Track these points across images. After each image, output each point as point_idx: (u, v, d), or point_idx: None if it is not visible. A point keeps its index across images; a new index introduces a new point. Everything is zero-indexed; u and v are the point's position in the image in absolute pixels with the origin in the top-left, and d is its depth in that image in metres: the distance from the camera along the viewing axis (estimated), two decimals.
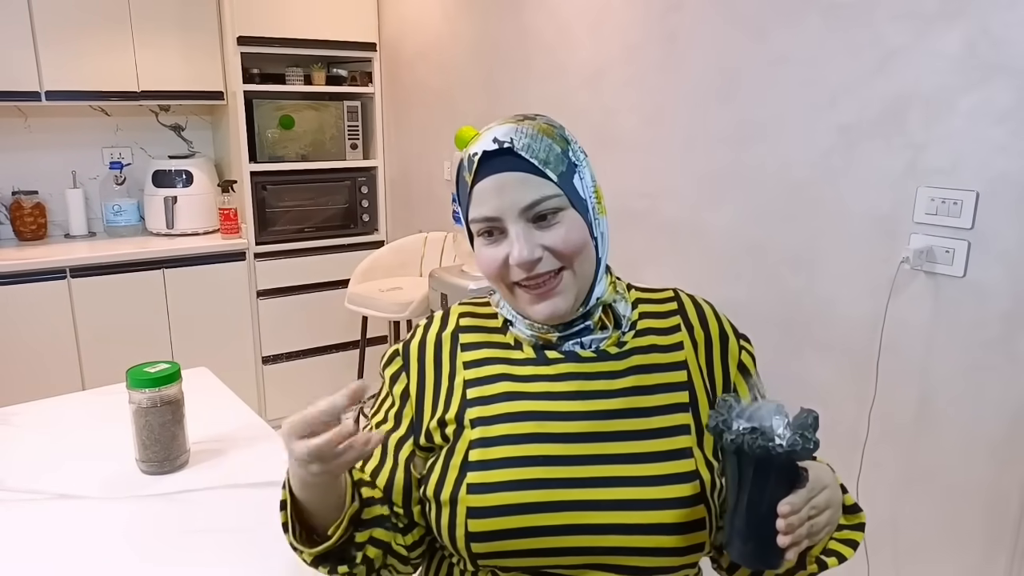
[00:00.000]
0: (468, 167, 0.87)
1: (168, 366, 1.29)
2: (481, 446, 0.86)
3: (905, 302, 1.71)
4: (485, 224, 0.87)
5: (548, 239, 0.85)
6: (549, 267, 0.85)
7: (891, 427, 1.76)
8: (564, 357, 0.90)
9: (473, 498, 0.84)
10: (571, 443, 0.85)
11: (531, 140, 0.86)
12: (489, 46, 2.93)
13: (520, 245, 0.84)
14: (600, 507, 0.82)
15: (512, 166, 0.85)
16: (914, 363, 1.71)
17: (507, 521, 0.82)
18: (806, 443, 0.71)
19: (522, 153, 0.85)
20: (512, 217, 0.85)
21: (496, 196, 0.85)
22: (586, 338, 0.90)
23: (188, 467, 1.32)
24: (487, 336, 0.94)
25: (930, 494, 1.72)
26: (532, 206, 0.84)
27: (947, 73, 1.60)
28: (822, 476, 0.77)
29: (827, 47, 1.81)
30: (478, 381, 0.90)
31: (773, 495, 0.72)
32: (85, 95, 3.16)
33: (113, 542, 1.11)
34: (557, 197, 0.85)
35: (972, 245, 1.60)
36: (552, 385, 0.88)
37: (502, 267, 0.86)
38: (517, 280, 0.86)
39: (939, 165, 1.63)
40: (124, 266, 3.13)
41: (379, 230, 3.77)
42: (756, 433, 0.72)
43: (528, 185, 0.84)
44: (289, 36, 3.35)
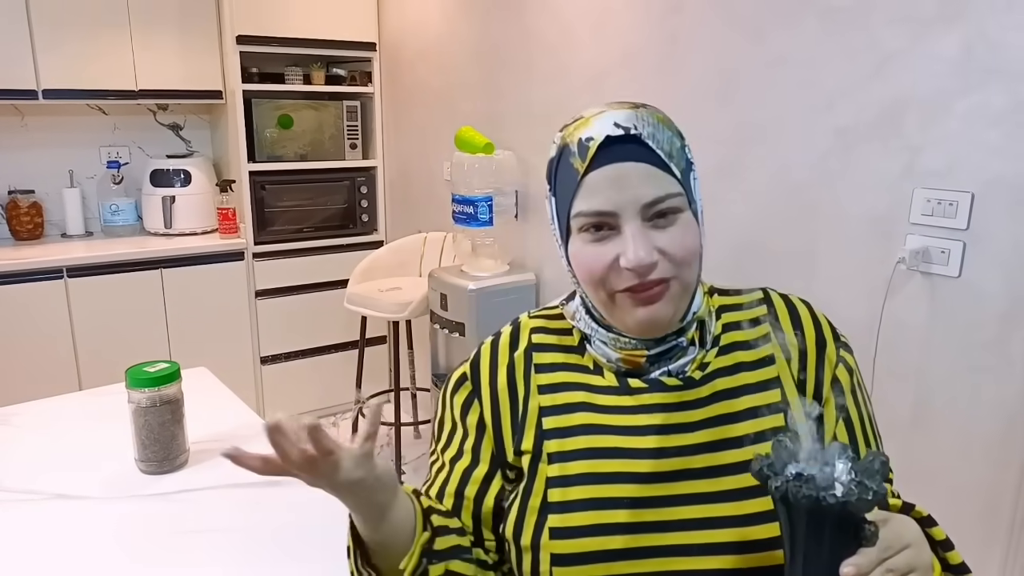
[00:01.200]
0: (580, 153, 0.77)
1: (167, 366, 1.29)
2: (560, 485, 0.79)
3: (901, 302, 1.72)
4: (595, 219, 0.77)
5: (664, 241, 0.76)
6: (661, 274, 0.76)
7: (888, 427, 1.76)
8: (648, 387, 0.81)
9: (556, 543, 0.77)
10: (656, 483, 0.77)
11: (655, 129, 0.78)
12: (490, 47, 2.94)
13: (637, 245, 0.74)
14: (682, 552, 0.75)
15: (635, 156, 0.76)
16: (910, 363, 1.72)
17: (594, 569, 0.76)
18: (863, 492, 0.60)
19: (648, 142, 0.76)
20: (631, 213, 0.75)
21: (615, 188, 0.75)
22: (673, 365, 0.80)
23: (188, 467, 1.32)
24: (564, 356, 0.86)
25: (926, 494, 1.72)
26: (655, 203, 0.75)
27: (943, 76, 1.61)
28: (903, 532, 0.64)
29: (824, 50, 1.81)
30: (555, 409, 0.82)
31: (832, 553, 0.61)
32: (83, 94, 3.16)
33: (112, 542, 1.11)
34: (679, 196, 0.77)
35: (967, 246, 1.61)
36: (634, 418, 0.80)
37: (608, 269, 0.77)
38: (624, 287, 0.76)
39: (935, 167, 1.64)
40: (121, 266, 3.13)
41: (378, 230, 3.77)
42: (802, 479, 0.61)
43: (652, 179, 0.76)
44: (288, 35, 3.36)
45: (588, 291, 0.81)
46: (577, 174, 0.77)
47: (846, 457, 0.63)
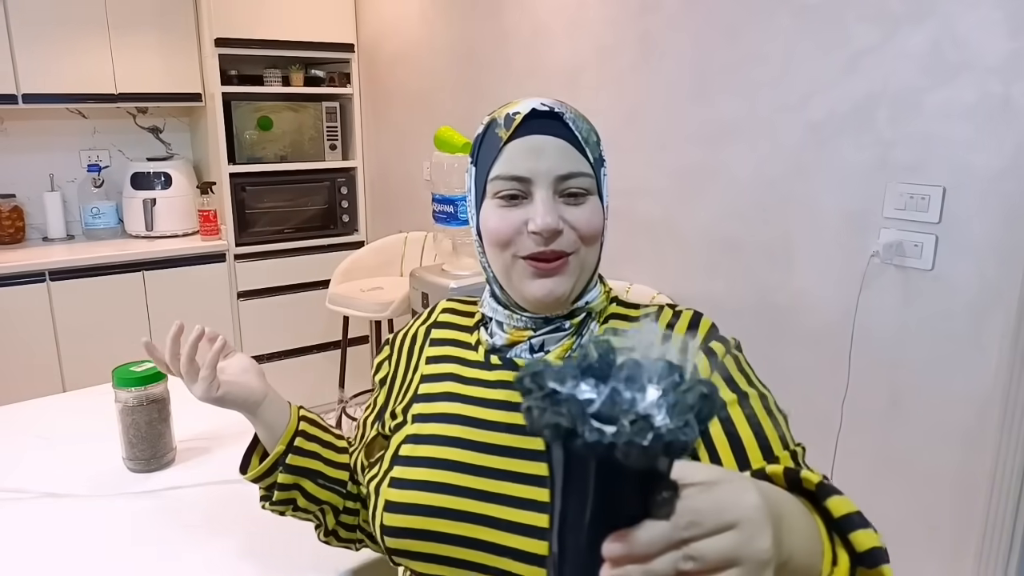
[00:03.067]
0: (505, 124, 0.83)
1: (153, 365, 1.30)
2: (412, 442, 0.85)
3: (876, 295, 1.76)
4: (510, 184, 0.81)
5: (572, 215, 0.81)
6: (564, 247, 0.81)
7: (863, 417, 1.81)
8: (502, 364, 0.86)
9: (392, 491, 0.83)
10: (490, 454, 0.80)
11: (576, 116, 0.84)
12: (467, 47, 2.96)
13: (546, 211, 0.79)
14: (501, 527, 0.77)
15: (555, 132, 0.81)
16: (885, 354, 1.76)
17: (415, 521, 0.80)
18: (639, 434, 0.38)
19: (570, 123, 0.82)
20: (544, 183, 0.80)
21: (533, 157, 0.81)
22: (536, 341, 0.85)
23: (175, 465, 1.33)
24: (455, 334, 0.93)
25: (902, 481, 1.77)
26: (567, 177, 0.81)
27: (914, 72, 1.65)
28: (730, 505, 0.43)
29: (798, 47, 1.85)
30: (431, 377, 0.90)
31: (600, 519, 0.41)
32: (62, 97, 3.15)
33: (101, 539, 1.12)
34: (590, 178, 0.82)
35: (940, 239, 1.65)
36: (487, 392, 0.85)
37: (515, 233, 0.81)
38: (527, 253, 0.81)
39: (907, 161, 1.68)
40: (103, 269, 3.12)
41: (359, 230, 3.78)
42: (557, 400, 0.40)
43: (568, 155, 0.81)
44: (267, 38, 3.36)
45: (491, 256, 0.85)
46: (500, 142, 0.82)
47: (668, 383, 0.41)
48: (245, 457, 1.00)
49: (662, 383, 0.41)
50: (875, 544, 0.55)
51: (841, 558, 0.54)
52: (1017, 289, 1.53)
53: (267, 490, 0.97)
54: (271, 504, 0.97)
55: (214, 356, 0.91)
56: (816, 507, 0.58)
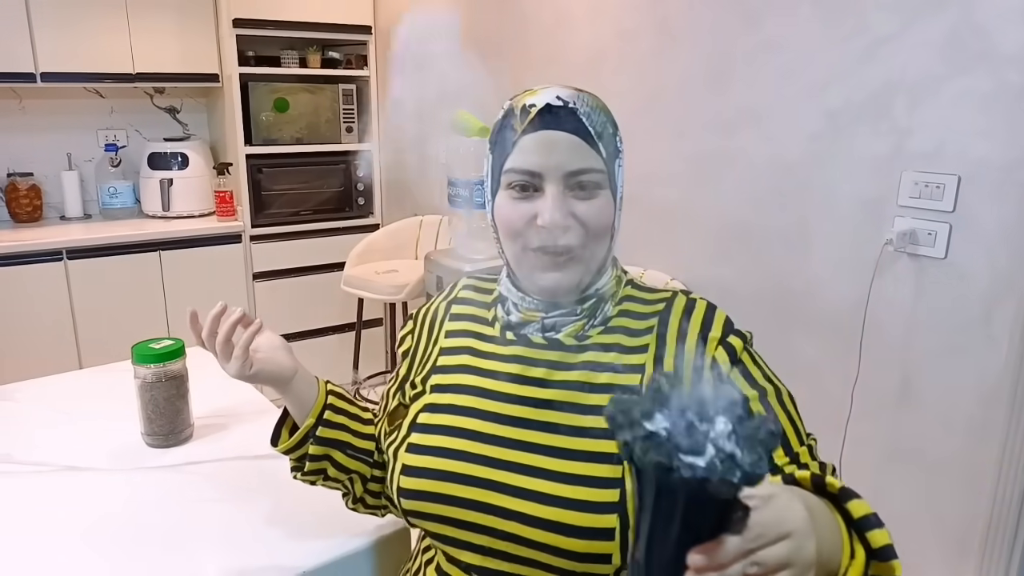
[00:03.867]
0: (520, 116, 0.84)
1: (172, 342, 1.32)
2: (430, 411, 0.91)
3: (889, 283, 1.76)
4: (522, 177, 0.84)
5: (581, 210, 0.83)
6: (571, 240, 0.83)
7: (873, 404, 1.82)
8: (516, 340, 0.90)
9: (409, 456, 0.88)
10: (504, 425, 0.85)
11: (591, 110, 0.84)
12: (485, 30, 2.95)
13: (554, 207, 0.81)
14: (510, 493, 0.82)
15: (568, 128, 0.83)
16: (896, 342, 1.76)
17: (431, 484, 0.85)
18: (729, 471, 0.45)
19: (583, 118, 0.83)
20: (554, 177, 0.82)
21: (544, 152, 0.82)
22: (548, 320, 0.88)
23: (192, 440, 1.36)
24: (474, 310, 0.97)
25: (910, 469, 1.77)
26: (578, 173, 0.83)
27: (932, 61, 1.64)
28: (784, 517, 0.53)
29: (817, 34, 1.84)
30: (449, 351, 0.95)
31: (685, 536, 0.49)
32: (80, 76, 3.17)
33: (120, 512, 1.15)
34: (601, 173, 0.84)
35: (953, 228, 1.65)
36: (502, 365, 0.89)
37: (525, 225, 0.84)
38: (535, 246, 0.84)
39: (923, 150, 1.68)
40: (120, 248, 3.15)
41: (374, 213, 3.79)
42: (655, 441, 0.47)
43: (579, 151, 0.83)
44: (284, 19, 3.36)
45: (504, 244, 0.89)
46: (515, 134, 0.84)
47: (732, 415, 0.48)
48: (276, 430, 1.03)
49: (728, 415, 0.48)
50: (887, 542, 0.63)
51: (858, 552, 0.63)
52: None
53: (298, 461, 1.01)
54: (303, 474, 1.01)
55: (248, 337, 0.93)
56: (837, 507, 0.66)
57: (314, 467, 0.99)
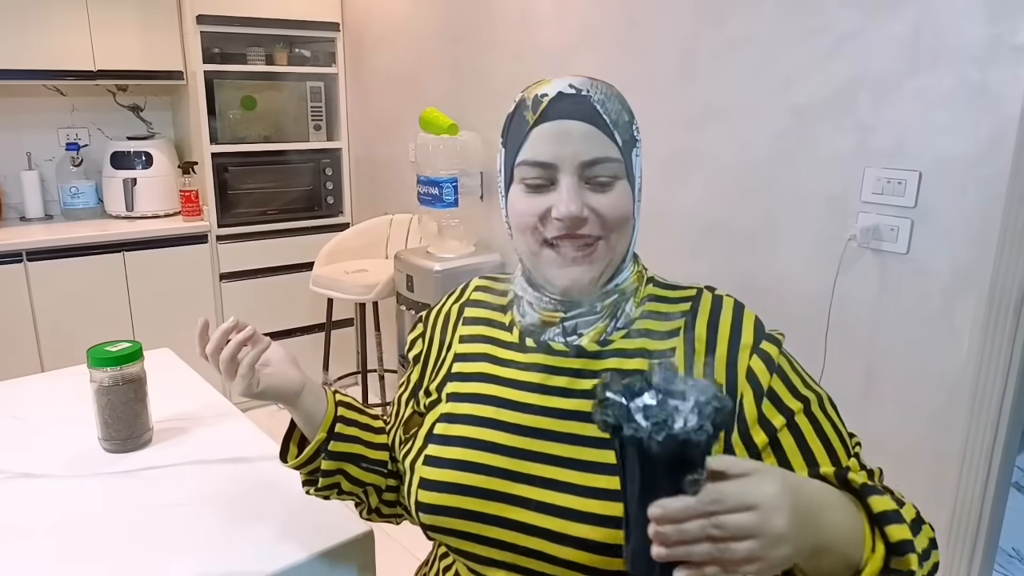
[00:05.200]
0: (532, 107, 0.81)
1: (129, 345, 1.29)
2: (447, 421, 0.87)
3: (852, 278, 1.78)
4: (535, 170, 0.80)
5: (597, 202, 0.80)
6: (590, 232, 0.80)
7: (839, 398, 1.81)
8: (537, 347, 0.86)
9: (427, 469, 0.85)
10: (523, 436, 0.82)
11: (606, 98, 0.81)
12: (454, 26, 2.94)
13: (569, 198, 0.78)
14: (530, 507, 0.79)
15: (582, 116, 0.79)
16: (860, 336, 1.78)
17: (450, 499, 0.83)
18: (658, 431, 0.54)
19: (597, 106, 0.80)
20: (569, 168, 0.79)
21: (558, 143, 0.79)
22: (569, 323, 0.84)
23: (152, 445, 1.33)
24: (490, 313, 0.93)
25: (875, 461, 1.78)
26: (593, 163, 0.79)
27: (894, 57, 1.65)
28: (753, 492, 0.57)
29: (782, 32, 1.85)
30: (465, 357, 0.91)
31: (646, 493, 0.57)
32: (39, 74, 3.11)
33: (77, 519, 1.12)
34: (618, 163, 0.81)
35: (915, 223, 1.66)
36: (522, 374, 0.85)
37: (540, 219, 0.81)
38: (552, 237, 0.81)
39: (885, 146, 1.69)
40: (83, 249, 3.09)
41: (344, 212, 3.76)
42: (618, 406, 0.58)
43: (594, 140, 0.79)
44: (250, 15, 3.32)
45: (519, 240, 0.85)
46: (527, 125, 0.81)
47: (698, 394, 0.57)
48: (284, 443, 0.99)
49: (697, 394, 0.57)
50: (905, 536, 0.66)
51: (878, 546, 0.66)
52: (989, 273, 1.54)
53: (310, 475, 0.97)
54: (316, 490, 0.98)
55: (255, 356, 0.88)
56: (862, 503, 0.69)
57: (328, 482, 0.95)
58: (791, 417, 0.80)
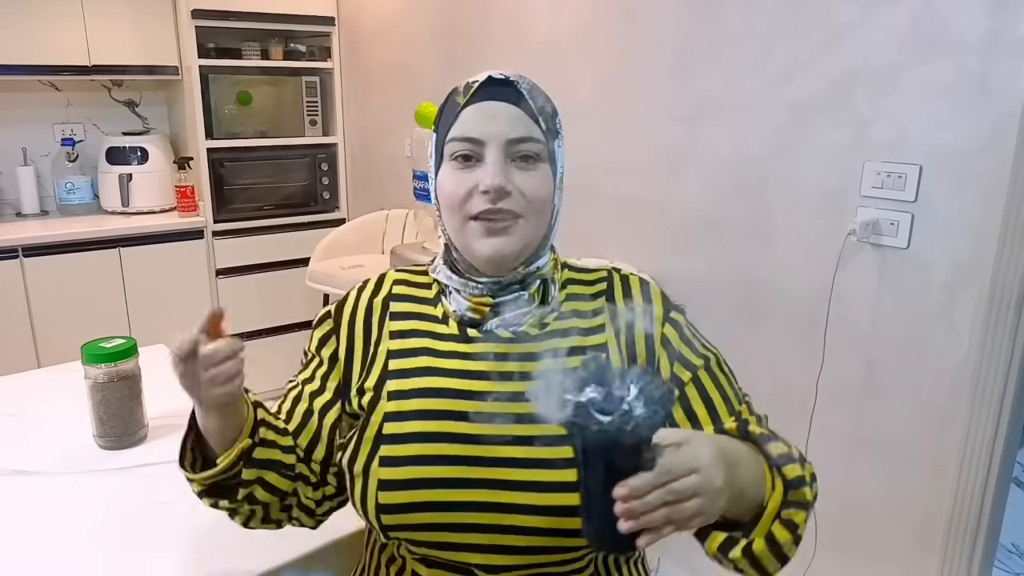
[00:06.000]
0: (464, 91, 0.87)
1: (124, 341, 1.28)
2: (395, 420, 0.87)
3: (852, 273, 1.77)
4: (465, 145, 0.86)
5: (520, 180, 0.86)
6: (512, 207, 0.85)
7: (838, 394, 1.83)
8: (483, 336, 0.89)
9: (385, 471, 0.84)
10: (479, 423, 0.85)
11: (532, 88, 0.88)
12: (449, 20, 2.92)
13: (495, 172, 0.84)
14: (499, 487, 0.83)
15: (509, 99, 0.86)
16: (860, 332, 1.77)
17: (416, 495, 0.83)
18: (627, 421, 0.62)
19: (524, 92, 0.87)
20: (496, 145, 0.85)
21: (487, 121, 0.85)
22: (510, 314, 0.89)
23: (146, 442, 1.32)
24: (417, 307, 0.94)
25: (875, 458, 1.79)
26: (519, 141, 0.85)
27: (893, 49, 1.64)
28: (694, 456, 0.67)
29: (779, 25, 1.84)
30: (401, 353, 0.90)
31: (612, 478, 0.64)
32: (33, 69, 3.08)
33: (72, 516, 1.11)
34: (540, 144, 0.87)
35: (915, 217, 1.65)
36: (469, 363, 0.88)
37: (467, 195, 0.85)
38: (477, 212, 0.85)
39: (885, 140, 1.68)
40: (78, 245, 3.07)
41: (340, 208, 3.74)
42: (581, 407, 0.64)
43: (520, 121, 0.86)
44: (245, 10, 3.30)
45: (446, 216, 0.89)
46: (458, 107, 0.87)
47: (641, 383, 0.65)
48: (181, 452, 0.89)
49: (639, 383, 0.64)
50: (799, 473, 0.78)
51: (777, 484, 0.77)
52: (990, 268, 1.54)
53: (219, 485, 0.87)
54: (230, 502, 0.88)
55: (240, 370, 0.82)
56: (760, 450, 0.79)
57: (244, 493, 0.86)
58: (695, 372, 0.90)
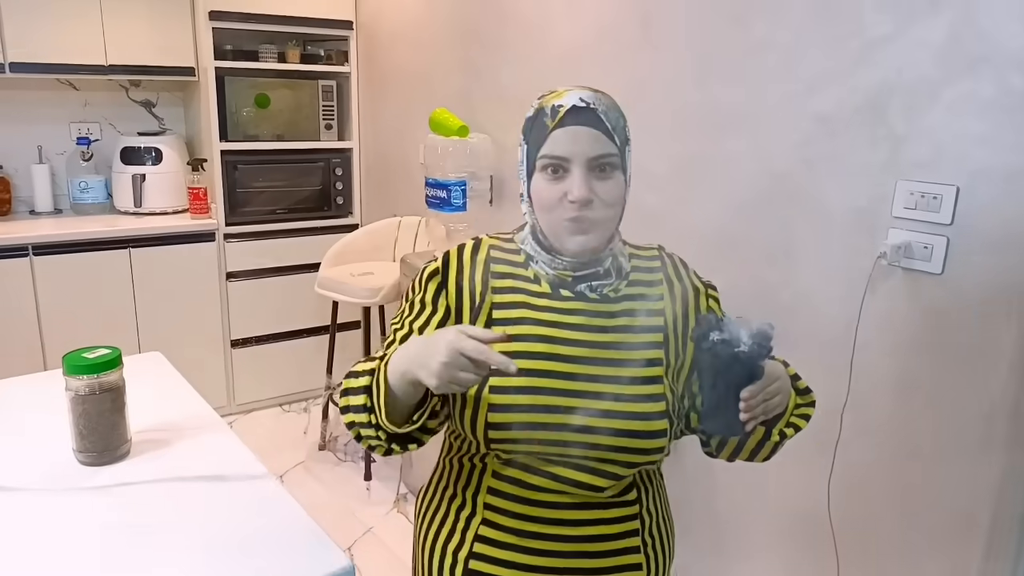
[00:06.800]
0: (551, 115, 1.06)
1: (108, 351, 1.22)
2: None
3: (882, 299, 1.67)
4: (554, 161, 1.05)
5: (600, 188, 1.05)
6: (594, 211, 1.05)
7: (865, 425, 1.73)
8: (575, 296, 1.10)
9: (495, 397, 1.05)
10: (572, 363, 1.06)
11: (608, 108, 1.06)
12: (466, 25, 2.86)
13: (581, 184, 1.03)
14: (587, 412, 1.04)
15: (590, 123, 1.04)
16: (889, 361, 1.67)
17: (519, 416, 1.04)
18: (761, 349, 0.96)
19: (601, 116, 1.05)
20: (580, 162, 1.04)
21: (571, 142, 1.04)
22: (594, 282, 1.10)
23: (129, 458, 1.26)
24: (513, 269, 1.14)
25: (905, 497, 1.69)
26: (599, 157, 1.04)
27: (929, 64, 1.55)
28: (775, 371, 1.02)
29: (808, 35, 1.75)
30: (503, 305, 1.11)
31: (738, 384, 0.97)
32: (51, 68, 3.07)
33: (50, 535, 1.05)
34: (616, 157, 1.06)
35: (951, 241, 1.56)
36: (562, 316, 1.09)
37: (558, 200, 1.06)
38: (567, 217, 1.05)
39: (919, 158, 1.59)
40: (89, 244, 3.05)
41: (353, 213, 3.69)
42: (726, 342, 0.96)
43: (598, 141, 1.04)
44: (263, 12, 3.27)
45: (540, 217, 1.10)
46: (547, 129, 1.06)
47: (748, 327, 0.97)
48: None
49: (749, 328, 0.97)
50: (806, 385, 1.20)
51: (792, 396, 1.13)
52: None
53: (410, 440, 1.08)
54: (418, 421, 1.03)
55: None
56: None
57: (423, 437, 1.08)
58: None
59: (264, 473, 1.21)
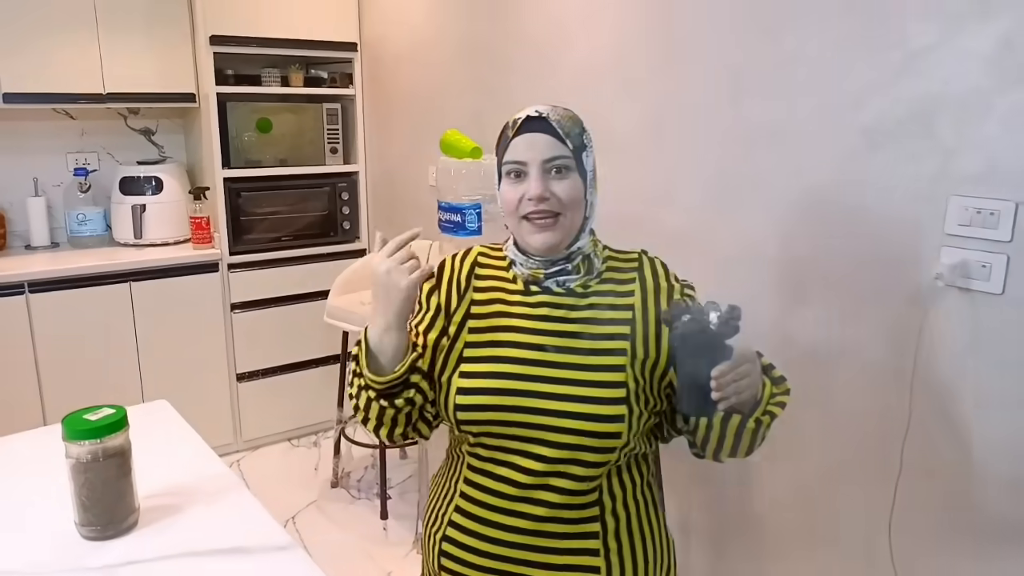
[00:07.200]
0: (512, 125, 1.20)
1: (112, 412, 1.11)
2: (473, 346, 1.21)
3: (938, 322, 1.56)
4: (514, 166, 1.18)
5: (556, 187, 1.17)
6: (551, 208, 1.16)
7: (928, 460, 1.61)
8: (542, 291, 1.22)
9: (463, 380, 1.19)
10: (536, 351, 1.18)
11: (560, 117, 1.19)
12: (475, 46, 2.77)
13: (536, 183, 1.16)
14: (547, 397, 1.15)
15: (543, 130, 1.17)
16: (951, 388, 1.56)
17: (484, 399, 1.16)
18: (727, 327, 1.01)
19: (553, 123, 1.17)
20: (535, 164, 1.17)
21: (528, 148, 1.17)
22: (562, 277, 1.21)
23: (137, 529, 1.14)
24: (495, 271, 1.27)
25: (973, 538, 1.57)
26: (551, 159, 1.17)
27: (981, 74, 1.45)
28: (747, 354, 1.05)
29: (847, 46, 1.66)
30: (481, 302, 1.24)
31: (709, 363, 1.01)
32: (47, 97, 2.97)
33: None
34: (568, 159, 1.18)
35: (1011, 259, 1.45)
36: (530, 309, 1.22)
37: (519, 201, 1.17)
38: (526, 213, 1.17)
39: (972, 172, 1.49)
40: (88, 279, 2.94)
41: (360, 238, 3.59)
42: (695, 320, 1.03)
43: (551, 145, 1.17)
44: (265, 36, 3.18)
45: (508, 218, 1.22)
46: (508, 139, 1.21)
47: (716, 309, 1.03)
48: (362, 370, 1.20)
49: (718, 310, 1.03)
50: (781, 375, 1.23)
51: (767, 383, 1.17)
52: None
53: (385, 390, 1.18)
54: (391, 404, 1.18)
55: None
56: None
57: (408, 395, 1.18)
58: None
59: (289, 543, 1.10)
